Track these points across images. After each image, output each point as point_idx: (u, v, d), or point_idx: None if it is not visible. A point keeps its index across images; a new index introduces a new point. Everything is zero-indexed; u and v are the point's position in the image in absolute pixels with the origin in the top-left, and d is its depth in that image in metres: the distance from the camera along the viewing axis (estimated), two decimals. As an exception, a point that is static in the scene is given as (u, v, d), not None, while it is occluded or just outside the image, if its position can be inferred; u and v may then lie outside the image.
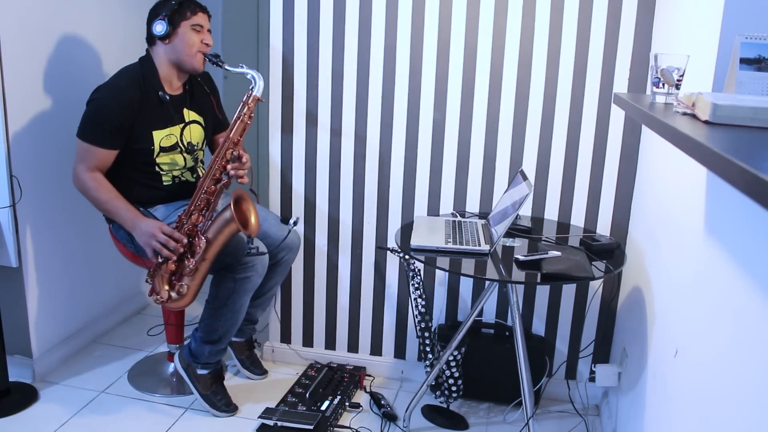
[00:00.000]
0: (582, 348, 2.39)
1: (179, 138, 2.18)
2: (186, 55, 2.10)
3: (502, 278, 1.76)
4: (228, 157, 2.08)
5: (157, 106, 2.12)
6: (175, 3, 2.06)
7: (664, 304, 1.61)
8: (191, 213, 2.06)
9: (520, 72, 2.20)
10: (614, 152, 2.21)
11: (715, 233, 1.23)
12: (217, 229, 2.02)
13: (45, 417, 2.18)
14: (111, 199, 2.07)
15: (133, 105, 2.05)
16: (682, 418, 1.32)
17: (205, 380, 2.24)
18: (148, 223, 2.04)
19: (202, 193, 2.07)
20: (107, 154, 2.07)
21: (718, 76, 1.30)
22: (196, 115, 2.24)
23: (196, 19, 2.09)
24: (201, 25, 2.10)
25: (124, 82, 2.08)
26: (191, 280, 2.04)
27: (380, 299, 2.50)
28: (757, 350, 0.95)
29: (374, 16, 2.25)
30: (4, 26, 2.10)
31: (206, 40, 2.12)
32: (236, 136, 2.09)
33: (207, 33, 2.13)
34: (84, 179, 2.07)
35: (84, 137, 2.06)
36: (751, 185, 0.62)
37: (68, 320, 2.58)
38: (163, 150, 2.14)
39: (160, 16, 2.06)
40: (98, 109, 2.05)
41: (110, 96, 2.05)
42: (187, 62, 2.11)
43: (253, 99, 2.09)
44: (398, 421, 2.26)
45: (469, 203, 2.34)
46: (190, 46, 2.09)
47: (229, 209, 1.98)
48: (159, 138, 2.13)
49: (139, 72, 2.11)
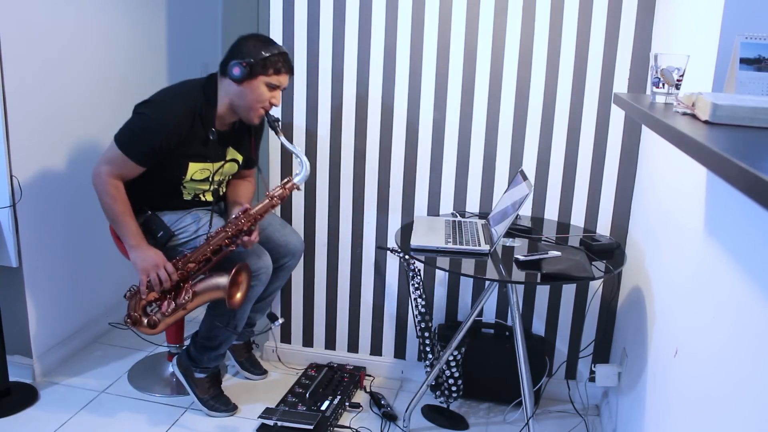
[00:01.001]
0: (582, 348, 2.39)
1: (212, 173, 2.13)
2: (248, 107, 2.01)
3: (502, 278, 1.76)
4: (244, 228, 2.04)
5: (203, 140, 2.05)
6: (265, 53, 1.95)
7: (664, 304, 1.61)
8: (190, 261, 2.05)
9: (520, 72, 2.20)
10: (614, 152, 2.21)
11: (715, 233, 1.23)
12: (205, 288, 2.05)
13: (45, 417, 2.18)
14: (123, 213, 2.03)
15: (181, 133, 1.99)
16: (682, 418, 1.32)
17: (203, 383, 2.24)
18: (152, 252, 2.03)
19: (208, 249, 2.04)
20: (136, 169, 2.01)
21: (718, 76, 1.30)
22: (237, 154, 2.18)
23: (276, 79, 1.99)
24: (277, 85, 2.01)
25: (181, 109, 1.99)
26: (165, 318, 2.05)
27: (380, 299, 2.50)
28: (757, 350, 0.95)
29: (374, 16, 2.25)
30: (5, 26, 2.10)
31: (275, 100, 2.02)
32: (258, 213, 2.05)
33: (279, 92, 2.04)
34: (105, 183, 2.01)
35: (120, 145, 1.99)
36: (751, 185, 0.62)
37: (68, 320, 2.58)
38: (194, 180, 2.11)
39: (243, 61, 1.95)
40: (145, 126, 1.98)
41: (161, 117, 1.97)
42: (245, 113, 2.03)
43: (291, 186, 2.07)
44: (398, 421, 2.26)
45: (469, 203, 2.34)
46: (257, 102, 2.00)
47: (227, 277, 2.00)
48: (193, 170, 2.08)
49: (198, 100, 2.01)
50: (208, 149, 2.07)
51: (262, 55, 1.95)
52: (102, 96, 2.64)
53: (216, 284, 2.03)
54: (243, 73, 1.95)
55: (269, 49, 1.97)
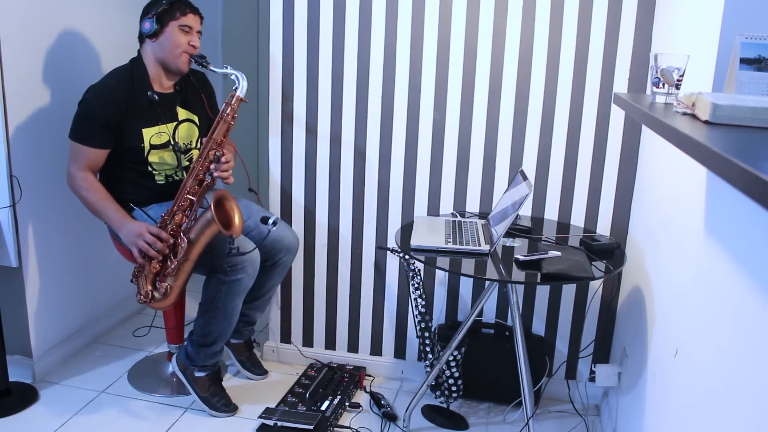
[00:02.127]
0: (582, 348, 2.39)
1: (171, 136, 2.18)
2: (171, 55, 2.11)
3: (502, 278, 1.76)
4: (211, 157, 2.08)
5: (147, 104, 2.13)
6: (165, 2, 2.07)
7: (664, 304, 1.61)
8: (174, 213, 2.06)
9: (520, 72, 2.20)
10: (614, 152, 2.21)
11: (715, 233, 1.23)
12: (199, 230, 2.02)
13: (45, 417, 2.18)
14: (100, 200, 2.08)
15: (121, 104, 2.07)
16: (682, 418, 1.32)
17: (203, 382, 2.24)
18: (135, 223, 2.05)
19: (185, 193, 2.07)
20: (98, 154, 2.09)
21: (718, 76, 1.30)
22: (189, 114, 2.25)
23: (185, 20, 2.09)
24: (190, 26, 2.11)
25: (113, 82, 2.10)
26: (174, 281, 2.05)
27: (380, 299, 2.50)
28: (757, 350, 0.95)
29: (374, 17, 2.25)
30: (4, 25, 2.10)
31: (193, 42, 2.12)
32: (219, 136, 2.09)
33: (196, 35, 2.13)
34: (75, 178, 2.09)
35: (75, 137, 2.08)
36: (751, 185, 0.62)
37: (68, 320, 2.58)
38: (154, 147, 2.15)
39: (150, 15, 2.08)
40: (87, 110, 2.07)
41: (98, 96, 2.07)
42: (171, 62, 2.12)
43: (237, 99, 2.10)
44: (398, 421, 2.26)
45: (469, 203, 2.34)
46: (176, 47, 2.10)
47: (210, 210, 1.98)
48: (149, 136, 2.13)
49: (128, 71, 2.13)
50: (153, 111, 2.13)
51: (164, 3, 2.07)
52: (102, 96, 2.63)
53: (205, 220, 2.01)
54: (153, 24, 2.07)
55: None
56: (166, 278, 2.05)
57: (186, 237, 2.02)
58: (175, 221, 2.06)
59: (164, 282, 2.05)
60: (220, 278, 2.10)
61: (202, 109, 2.29)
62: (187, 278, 2.08)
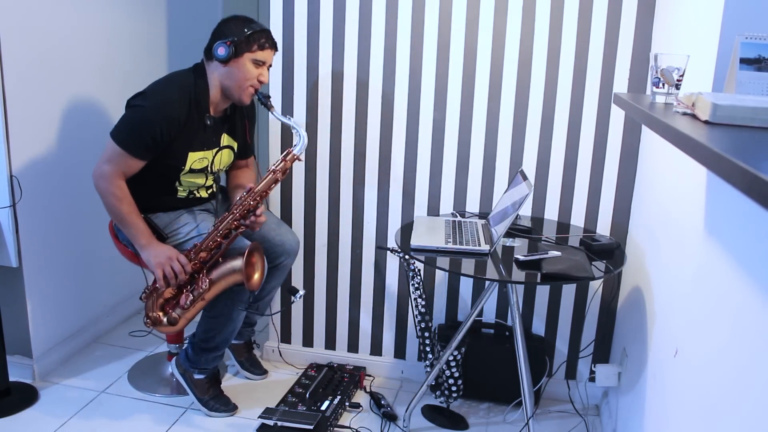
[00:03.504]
0: (582, 348, 2.39)
1: (210, 162, 2.13)
2: (237, 86, 2.02)
3: (502, 278, 1.76)
4: (251, 207, 2.04)
5: (200, 128, 2.04)
6: (246, 35, 1.97)
7: (664, 304, 1.61)
8: (201, 250, 2.04)
9: (520, 72, 2.20)
10: (614, 152, 2.21)
11: (715, 233, 1.23)
12: (221, 274, 2.03)
13: (45, 417, 2.18)
14: (131, 213, 2.02)
15: (180, 122, 1.97)
16: (681, 418, 1.32)
17: (202, 384, 2.24)
18: (165, 247, 2.02)
19: (218, 235, 2.04)
20: (138, 164, 2.00)
21: (718, 76, 1.30)
22: (231, 140, 2.18)
23: (261, 55, 2.00)
24: (263, 61, 2.02)
25: (176, 96, 1.98)
26: (184, 313, 2.05)
27: (380, 299, 2.50)
28: (757, 350, 0.95)
29: (374, 16, 2.25)
30: (5, 26, 2.10)
31: (262, 77, 2.03)
32: (263, 190, 2.05)
33: (266, 69, 2.04)
34: (109, 184, 1.99)
35: (120, 142, 1.97)
36: (751, 185, 0.62)
37: (68, 320, 2.58)
38: (192, 171, 2.10)
39: (227, 41, 1.96)
40: (142, 119, 1.96)
41: (158, 108, 1.95)
42: (235, 92, 2.03)
43: (292, 158, 2.06)
44: (398, 421, 2.26)
45: (469, 203, 2.34)
46: (246, 80, 2.01)
47: (241, 259, 1.99)
48: (193, 159, 2.07)
49: (191, 87, 2.01)
50: (205, 136, 2.07)
51: (245, 33, 1.97)
52: (102, 96, 2.64)
53: (231, 268, 2.01)
54: (229, 52, 1.97)
55: (251, 26, 1.99)
56: (176, 307, 2.05)
57: (208, 278, 2.03)
58: (200, 257, 2.04)
59: (173, 312, 2.05)
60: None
61: (242, 134, 2.23)
62: (197, 313, 2.09)
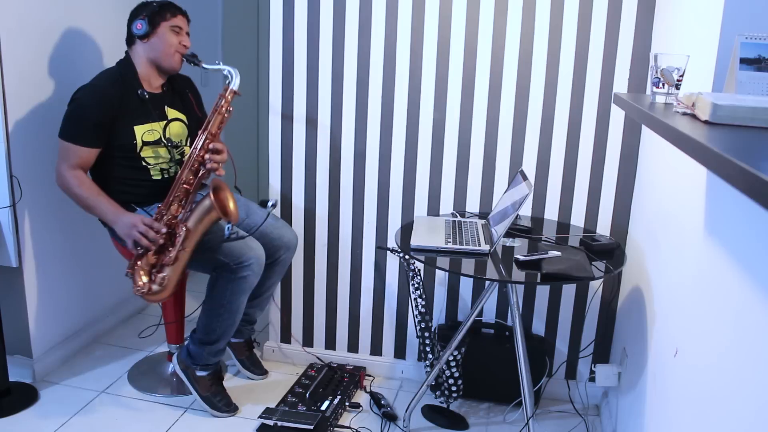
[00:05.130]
0: (582, 348, 2.39)
1: (162, 134, 2.20)
2: (165, 54, 2.15)
3: (502, 278, 1.76)
4: (206, 148, 2.11)
5: (137, 103, 2.15)
6: (156, 5, 2.13)
7: (664, 304, 1.61)
8: (170, 204, 2.09)
9: (520, 72, 2.20)
10: (614, 152, 2.21)
11: (715, 233, 1.23)
12: (197, 218, 2.05)
13: (45, 417, 2.18)
14: (92, 195, 2.09)
15: (113, 102, 2.09)
16: (682, 418, 1.32)
17: (205, 381, 2.24)
18: (129, 215, 2.07)
19: (181, 184, 2.10)
20: (88, 153, 2.09)
21: (718, 76, 1.30)
22: (178, 113, 2.27)
23: (175, 21, 2.15)
24: (180, 27, 2.16)
25: (104, 82, 2.12)
26: (171, 271, 2.05)
27: (380, 299, 2.50)
28: (757, 350, 0.95)
29: (374, 16, 2.25)
30: (5, 26, 2.10)
31: (184, 42, 2.18)
32: (213, 127, 2.13)
33: (185, 35, 2.19)
34: (66, 177, 2.09)
35: (65, 136, 2.08)
36: (751, 185, 0.62)
37: (68, 320, 2.58)
38: (146, 144, 2.16)
39: (141, 16, 2.12)
40: (78, 109, 2.08)
41: (90, 95, 2.08)
42: (165, 61, 2.16)
43: (230, 92, 2.14)
44: (398, 421, 2.26)
45: (469, 203, 2.34)
46: (169, 46, 2.15)
47: (209, 197, 2.02)
48: (141, 133, 2.15)
49: (118, 72, 2.16)
50: (144, 109, 2.16)
51: (155, 6, 2.13)
52: (102, 96, 2.63)
53: (204, 208, 2.04)
54: (145, 26, 2.11)
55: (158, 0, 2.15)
56: (163, 269, 2.06)
57: (184, 226, 2.05)
58: (171, 212, 2.08)
59: (161, 273, 2.06)
60: (227, 276, 2.10)
61: (190, 109, 2.32)
62: (183, 268, 2.08)
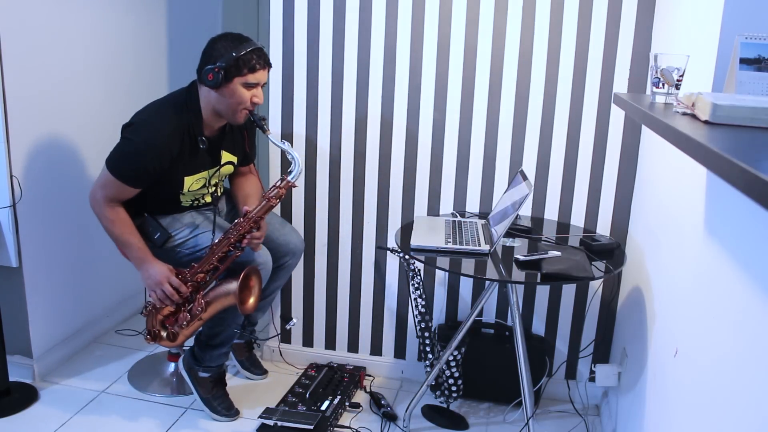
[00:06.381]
0: (582, 348, 2.39)
1: (208, 179, 2.13)
2: (230, 110, 1.97)
3: (502, 278, 1.76)
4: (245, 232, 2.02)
5: (195, 151, 2.02)
6: (236, 54, 1.88)
7: (664, 304, 1.61)
8: (197, 272, 2.05)
9: (520, 72, 2.20)
10: (614, 152, 2.21)
11: (715, 233, 1.23)
12: (216, 296, 2.07)
13: (45, 417, 2.18)
14: (123, 234, 2.03)
15: (172, 153, 1.96)
16: (682, 418, 1.32)
17: (207, 383, 2.24)
18: (157, 268, 2.02)
19: (214, 257, 2.04)
20: (131, 191, 2.01)
21: (718, 76, 1.30)
22: (230, 155, 2.17)
23: (252, 77, 1.93)
24: (256, 83, 1.95)
25: (167, 128, 1.95)
26: (184, 330, 2.10)
27: (380, 299, 2.50)
28: (757, 350, 0.95)
29: (374, 16, 2.25)
30: (5, 26, 2.10)
31: (256, 98, 1.96)
32: (258, 214, 2.02)
33: (260, 89, 1.98)
34: (103, 208, 2.01)
35: (113, 171, 1.97)
36: (751, 185, 0.62)
37: (68, 320, 2.58)
38: (191, 191, 2.11)
39: (215, 66, 1.89)
40: (135, 152, 1.95)
41: (150, 140, 1.93)
42: (229, 116, 2.00)
43: (287, 184, 2.03)
44: (398, 421, 2.26)
45: (469, 203, 2.34)
46: (238, 103, 1.95)
47: (236, 283, 2.01)
48: (189, 183, 2.07)
49: (184, 113, 1.98)
50: (201, 159, 2.07)
51: (234, 57, 1.88)
52: (102, 96, 2.64)
53: (226, 291, 2.05)
54: (217, 78, 1.89)
55: (240, 48, 1.89)
56: (175, 324, 2.09)
57: (204, 300, 2.05)
58: (197, 279, 2.05)
59: (173, 327, 2.09)
60: None
61: (242, 146, 2.20)
62: (195, 331, 2.14)
